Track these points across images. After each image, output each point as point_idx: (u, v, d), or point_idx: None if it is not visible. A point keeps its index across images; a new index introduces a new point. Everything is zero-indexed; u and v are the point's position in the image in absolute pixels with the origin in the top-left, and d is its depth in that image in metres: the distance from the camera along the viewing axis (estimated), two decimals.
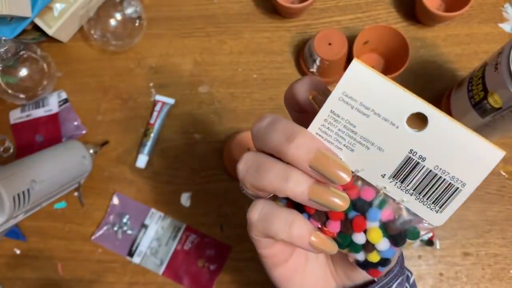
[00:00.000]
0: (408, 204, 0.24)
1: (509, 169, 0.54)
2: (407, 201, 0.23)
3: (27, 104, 0.59)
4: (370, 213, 0.24)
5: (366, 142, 0.23)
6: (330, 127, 0.23)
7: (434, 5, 0.58)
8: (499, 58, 0.39)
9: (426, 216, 0.24)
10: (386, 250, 0.24)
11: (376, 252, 0.25)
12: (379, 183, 0.23)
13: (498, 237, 0.52)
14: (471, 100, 0.44)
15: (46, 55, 0.58)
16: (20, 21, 0.54)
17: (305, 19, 0.61)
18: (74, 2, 0.58)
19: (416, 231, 0.24)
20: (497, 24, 0.58)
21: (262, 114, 0.24)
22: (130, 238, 0.55)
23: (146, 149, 0.56)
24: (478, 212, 0.53)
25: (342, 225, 0.24)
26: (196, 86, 0.59)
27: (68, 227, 0.56)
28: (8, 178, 0.42)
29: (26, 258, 0.55)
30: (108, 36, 0.58)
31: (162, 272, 0.53)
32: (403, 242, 0.24)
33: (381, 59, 0.57)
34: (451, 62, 0.58)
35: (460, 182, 0.22)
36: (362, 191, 0.24)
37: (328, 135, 0.23)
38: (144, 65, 0.61)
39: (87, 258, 0.54)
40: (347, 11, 0.60)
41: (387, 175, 0.23)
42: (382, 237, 0.24)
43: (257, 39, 0.60)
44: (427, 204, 0.23)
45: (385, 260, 0.25)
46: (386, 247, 0.24)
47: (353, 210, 0.24)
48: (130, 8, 0.58)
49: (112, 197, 0.56)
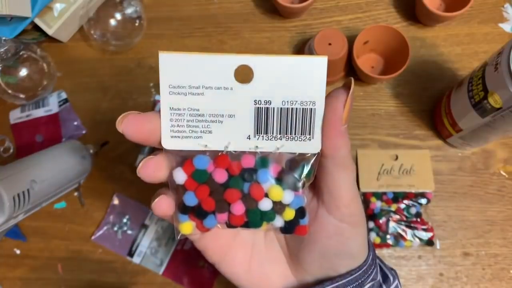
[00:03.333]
0: (284, 149, 0.24)
1: (509, 169, 0.54)
2: (282, 147, 0.24)
3: (27, 104, 0.59)
4: (259, 176, 0.24)
5: (216, 117, 0.23)
6: (179, 123, 0.23)
7: (434, 5, 0.58)
8: (499, 58, 0.39)
9: (305, 149, 0.24)
10: (294, 199, 0.25)
11: (288, 208, 0.25)
12: (250, 146, 0.24)
13: (499, 237, 0.52)
14: (471, 100, 0.44)
15: (46, 55, 0.58)
16: (20, 21, 0.54)
17: (305, 19, 0.61)
18: (74, 2, 0.58)
19: (305, 165, 0.24)
20: (497, 24, 0.58)
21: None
22: (130, 238, 0.55)
23: (146, 149, 0.56)
24: (478, 212, 0.53)
25: (244, 202, 0.25)
26: None
27: (68, 227, 0.56)
28: (8, 178, 0.42)
29: (26, 258, 0.55)
30: (108, 36, 0.58)
31: (162, 272, 0.53)
32: (302, 183, 0.25)
33: (381, 59, 0.57)
34: (451, 62, 0.58)
35: (310, 103, 0.23)
36: (242, 161, 0.24)
37: (182, 131, 0.24)
38: (144, 65, 0.61)
39: (87, 258, 0.54)
40: (347, 11, 0.60)
41: (251, 134, 0.24)
42: (282, 191, 0.24)
43: (257, 39, 0.60)
44: (298, 138, 0.24)
45: (300, 210, 0.25)
46: (292, 197, 0.25)
47: (245, 182, 0.24)
48: (130, 8, 0.58)
49: (112, 197, 0.56)
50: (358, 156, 0.54)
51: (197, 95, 0.23)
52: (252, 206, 0.25)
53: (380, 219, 0.51)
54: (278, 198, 0.24)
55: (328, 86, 0.59)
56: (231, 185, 0.24)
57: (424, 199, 0.52)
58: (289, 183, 0.24)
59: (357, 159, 0.54)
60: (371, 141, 0.56)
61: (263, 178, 0.24)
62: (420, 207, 0.52)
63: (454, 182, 0.54)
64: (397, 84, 0.57)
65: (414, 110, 0.56)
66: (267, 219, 0.25)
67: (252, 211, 0.25)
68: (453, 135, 0.52)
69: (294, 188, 0.24)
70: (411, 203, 0.52)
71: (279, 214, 0.25)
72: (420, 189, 0.53)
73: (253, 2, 0.61)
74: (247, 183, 0.24)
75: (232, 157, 0.24)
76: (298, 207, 0.25)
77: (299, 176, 0.24)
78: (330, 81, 0.57)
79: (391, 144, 0.55)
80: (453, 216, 0.53)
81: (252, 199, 0.24)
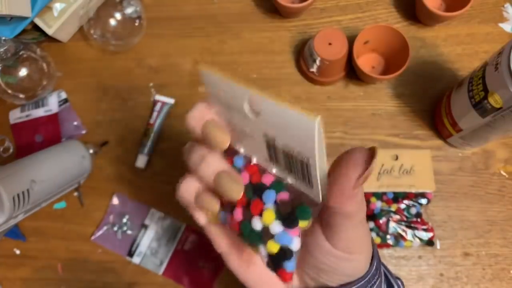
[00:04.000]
0: (294, 184, 0.24)
1: (509, 169, 0.54)
2: (291, 181, 0.24)
3: (27, 104, 0.59)
4: (265, 194, 0.24)
5: (243, 133, 0.24)
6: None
7: (434, 5, 0.58)
8: (500, 58, 0.39)
9: (309, 192, 0.23)
10: (280, 234, 0.24)
11: (273, 240, 0.24)
12: (269, 167, 0.24)
13: (499, 237, 0.52)
14: (471, 100, 0.44)
15: (46, 55, 0.58)
16: (19, 21, 0.54)
17: (305, 19, 0.61)
18: (74, 2, 0.58)
19: (306, 209, 0.23)
20: (497, 24, 0.58)
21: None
22: (130, 238, 0.54)
23: (146, 149, 0.56)
24: (478, 212, 0.53)
25: (244, 212, 0.25)
26: (196, 86, 0.59)
27: (68, 227, 0.55)
28: (8, 178, 0.42)
29: (26, 258, 0.55)
30: (108, 36, 0.58)
31: (162, 272, 0.53)
32: (296, 222, 0.23)
33: (381, 59, 0.57)
34: (451, 62, 0.58)
35: (304, 156, 0.22)
36: (263, 176, 0.25)
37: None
38: (144, 65, 0.61)
39: (87, 258, 0.54)
40: (347, 11, 0.60)
41: (267, 158, 0.24)
42: (274, 218, 0.24)
43: (257, 39, 0.60)
44: (301, 180, 0.23)
45: (285, 251, 0.24)
46: (279, 230, 0.24)
47: (253, 194, 0.25)
48: (130, 8, 0.58)
49: (112, 197, 0.56)
50: None
51: (229, 109, 0.24)
52: (246, 218, 0.25)
53: (380, 219, 0.51)
54: (267, 222, 0.24)
55: (328, 86, 0.59)
56: (244, 191, 0.25)
57: (424, 199, 0.52)
58: (283, 215, 0.24)
59: None
60: (371, 141, 0.56)
61: (267, 198, 0.24)
62: (420, 207, 0.52)
63: (455, 182, 0.54)
64: (397, 84, 0.57)
65: (415, 110, 0.56)
66: (252, 238, 0.25)
67: (245, 224, 0.25)
68: (453, 135, 0.52)
69: (287, 224, 0.24)
70: (411, 203, 0.52)
71: (264, 241, 0.24)
72: (420, 189, 0.53)
73: (253, 2, 0.61)
74: (254, 195, 0.25)
75: (260, 169, 0.25)
76: (284, 245, 0.24)
77: (296, 215, 0.23)
78: (330, 81, 0.57)
79: (391, 144, 0.55)
80: (453, 216, 0.53)
81: (249, 212, 0.24)
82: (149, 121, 0.57)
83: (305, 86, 0.58)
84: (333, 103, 0.57)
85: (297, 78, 0.59)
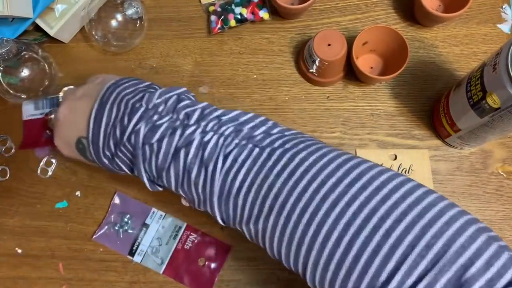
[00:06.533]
0: None
1: (507, 168, 0.54)
2: None
3: (40, 100, 0.59)
4: None
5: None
6: None
7: (432, 6, 0.58)
8: (497, 59, 0.39)
9: None
10: None
11: None
12: None
13: None
14: (469, 100, 0.45)
15: (47, 56, 0.58)
16: (21, 22, 0.54)
17: (305, 20, 0.61)
18: (75, 3, 0.58)
19: None
20: (495, 24, 0.59)
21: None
22: (131, 237, 0.55)
23: None
24: (476, 211, 0.53)
25: None
26: (197, 87, 0.60)
27: (69, 227, 0.56)
28: None
29: (27, 257, 0.55)
30: (109, 37, 0.59)
31: (163, 271, 0.53)
32: None
33: (380, 60, 0.58)
34: (449, 63, 0.58)
35: None
36: None
37: None
38: (145, 65, 0.61)
39: (88, 257, 0.55)
40: (347, 12, 0.61)
41: None
42: None
43: (257, 39, 0.61)
44: None
45: None
46: None
47: None
48: (131, 9, 0.59)
49: (113, 196, 0.56)
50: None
51: None
52: None
53: None
54: None
55: (327, 87, 0.59)
56: None
57: None
58: None
59: None
60: (370, 141, 0.56)
61: None
62: None
63: (453, 182, 0.54)
64: (396, 85, 0.58)
65: (413, 110, 0.57)
66: None
67: None
68: (451, 135, 0.52)
69: None
70: None
71: None
72: None
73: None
74: None
75: None
76: None
77: None
78: (330, 82, 0.57)
79: (390, 144, 0.56)
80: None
81: None
82: None
83: (305, 87, 0.59)
84: (332, 104, 0.58)
85: (297, 78, 0.59)
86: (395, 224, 0.28)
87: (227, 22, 0.59)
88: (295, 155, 0.34)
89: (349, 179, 0.31)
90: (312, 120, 0.57)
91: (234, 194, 0.35)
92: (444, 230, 0.28)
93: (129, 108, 0.40)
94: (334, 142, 0.56)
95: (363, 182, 0.31)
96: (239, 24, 0.60)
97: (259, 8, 0.59)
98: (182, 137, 0.37)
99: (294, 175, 0.33)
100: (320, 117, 0.57)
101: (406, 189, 0.31)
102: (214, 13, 0.60)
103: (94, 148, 0.42)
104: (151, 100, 0.40)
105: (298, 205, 0.32)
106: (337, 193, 0.31)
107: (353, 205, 0.30)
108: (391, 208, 0.29)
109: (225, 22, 0.59)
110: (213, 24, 0.60)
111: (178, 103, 0.40)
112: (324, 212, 0.31)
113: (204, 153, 0.36)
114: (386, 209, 0.29)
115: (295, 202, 0.32)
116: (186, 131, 0.37)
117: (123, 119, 0.40)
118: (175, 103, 0.40)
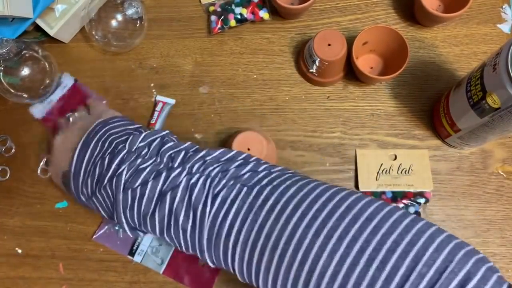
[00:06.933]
0: None
1: (507, 169, 0.54)
2: None
3: (44, 94, 0.59)
4: None
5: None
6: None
7: (433, 6, 0.58)
8: (497, 59, 0.39)
9: None
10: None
11: None
12: None
13: (497, 236, 0.52)
14: (469, 100, 0.45)
15: (48, 55, 0.58)
16: (21, 22, 0.54)
17: (305, 20, 0.61)
18: (75, 3, 0.58)
19: None
20: (495, 25, 0.59)
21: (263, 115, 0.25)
22: (131, 238, 0.55)
23: None
24: (476, 211, 0.53)
25: None
26: (197, 87, 0.60)
27: (69, 227, 0.56)
28: None
29: (27, 257, 0.55)
30: (109, 37, 0.59)
31: (163, 271, 0.53)
32: None
33: (380, 60, 0.58)
34: (449, 63, 0.58)
35: None
36: None
37: None
38: (145, 65, 0.61)
39: (88, 257, 0.55)
40: (347, 12, 0.61)
41: None
42: None
43: (257, 40, 0.61)
44: None
45: None
46: None
47: None
48: (131, 9, 0.59)
49: None
50: (357, 156, 0.55)
51: None
52: None
53: None
54: None
55: (327, 87, 0.59)
56: None
57: (423, 199, 0.53)
58: None
59: (356, 159, 0.55)
60: (370, 141, 0.56)
61: None
62: (419, 206, 0.53)
63: (453, 182, 0.54)
64: (396, 85, 0.58)
65: (413, 111, 0.57)
66: None
67: None
68: (451, 135, 0.52)
69: None
70: (410, 202, 0.53)
71: None
72: (419, 188, 0.53)
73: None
74: None
75: None
76: None
77: None
78: (330, 82, 0.57)
79: (390, 144, 0.56)
80: (452, 216, 0.53)
81: None
82: (150, 121, 0.58)
83: (305, 87, 0.59)
84: (332, 104, 0.58)
85: (297, 78, 0.59)
86: (389, 254, 0.29)
87: (227, 22, 0.59)
88: (284, 192, 0.34)
89: (340, 212, 0.32)
90: (312, 120, 0.57)
91: (224, 236, 0.35)
92: (435, 257, 0.29)
93: (112, 147, 0.39)
94: (334, 142, 0.56)
95: (354, 213, 0.32)
96: (239, 24, 0.60)
97: (259, 8, 0.59)
98: (167, 180, 0.36)
99: (284, 213, 0.33)
100: (320, 117, 0.57)
101: (395, 217, 0.31)
102: (214, 13, 0.60)
103: (75, 183, 0.42)
104: (134, 143, 0.39)
105: (291, 243, 0.32)
106: (329, 227, 0.31)
107: (346, 238, 0.30)
108: (383, 239, 0.30)
109: (225, 22, 0.59)
110: (213, 24, 0.60)
111: (162, 146, 0.40)
112: (318, 247, 0.31)
113: (191, 196, 0.35)
114: (377, 241, 0.30)
115: (287, 240, 0.32)
116: (171, 174, 0.37)
117: (104, 159, 0.39)
118: (159, 146, 0.40)
